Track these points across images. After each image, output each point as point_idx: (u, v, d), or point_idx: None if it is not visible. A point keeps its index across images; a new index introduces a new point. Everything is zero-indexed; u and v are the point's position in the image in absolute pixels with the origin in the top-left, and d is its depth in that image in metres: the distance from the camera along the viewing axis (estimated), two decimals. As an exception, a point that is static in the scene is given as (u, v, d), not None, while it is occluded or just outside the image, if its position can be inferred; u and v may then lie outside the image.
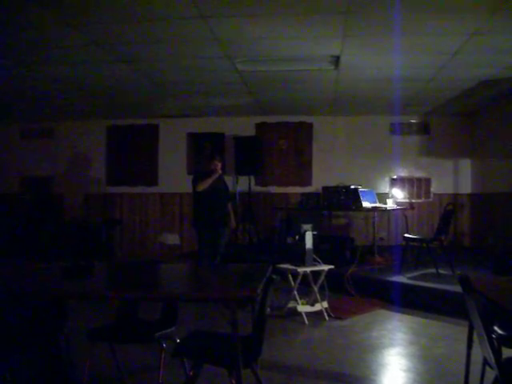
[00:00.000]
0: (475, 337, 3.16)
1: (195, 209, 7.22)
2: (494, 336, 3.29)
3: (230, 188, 7.85)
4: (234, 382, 2.90)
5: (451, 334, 5.41)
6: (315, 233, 6.22)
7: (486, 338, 2.73)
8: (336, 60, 6.44)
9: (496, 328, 3.41)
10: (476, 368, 3.68)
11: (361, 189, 8.49)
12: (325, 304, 6.20)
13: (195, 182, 7.05)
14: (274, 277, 3.14)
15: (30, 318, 3.27)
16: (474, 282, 3.08)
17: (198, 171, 7.38)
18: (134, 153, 11.02)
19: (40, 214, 10.60)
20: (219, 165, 7.12)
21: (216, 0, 4.62)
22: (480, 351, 3.04)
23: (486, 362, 3.33)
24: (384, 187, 10.44)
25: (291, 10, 4.86)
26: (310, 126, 10.71)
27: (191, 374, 3.22)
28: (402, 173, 10.48)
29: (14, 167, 11.03)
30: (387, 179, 10.52)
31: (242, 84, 7.78)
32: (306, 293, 6.38)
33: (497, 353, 2.77)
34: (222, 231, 7.11)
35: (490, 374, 2.97)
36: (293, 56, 6.33)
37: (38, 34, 5.48)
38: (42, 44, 5.83)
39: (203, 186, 6.93)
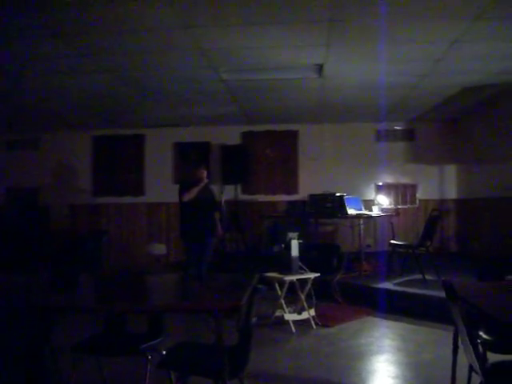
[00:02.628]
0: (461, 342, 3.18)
1: (182, 219, 7.17)
2: (479, 341, 3.31)
3: (217, 197, 7.83)
4: (220, 392, 2.89)
5: (438, 339, 5.43)
6: (301, 241, 6.22)
7: (469, 344, 2.75)
8: (320, 68, 6.48)
9: (481, 333, 3.43)
10: (463, 373, 3.70)
11: (346, 196, 8.51)
12: (312, 312, 6.20)
13: (181, 192, 7.02)
14: (260, 286, 3.13)
15: (14, 330, 3.23)
16: (459, 287, 3.09)
17: (184, 181, 7.33)
18: (120, 163, 10.98)
19: (26, 225, 10.50)
20: (205, 173, 7.09)
21: (200, 10, 4.64)
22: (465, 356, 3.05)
23: (471, 368, 3.35)
24: (370, 194, 10.49)
25: (275, 20, 4.88)
26: (296, 134, 10.74)
27: (177, 385, 3.21)
28: (388, 179, 10.54)
29: (-1, 179, 10.94)
30: (373, 186, 10.57)
31: (227, 93, 7.80)
32: (293, 301, 6.38)
33: (481, 358, 2.79)
34: (208, 241, 7.07)
35: (477, 379, 2.98)
36: (277, 65, 6.36)
37: (22, 45, 5.45)
38: (26, 55, 5.81)
39: (189, 196, 6.90)
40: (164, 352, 3.43)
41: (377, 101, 8.40)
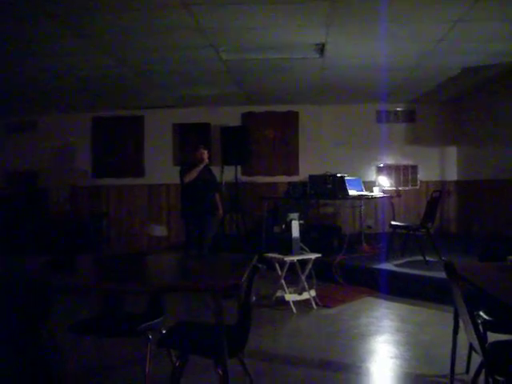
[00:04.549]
0: (461, 322, 3.18)
1: (182, 200, 7.18)
2: (479, 321, 3.32)
3: (217, 178, 7.80)
4: (220, 372, 2.89)
5: (438, 320, 5.45)
6: (302, 222, 6.21)
7: (470, 323, 2.74)
8: (321, 48, 6.40)
9: (481, 313, 3.43)
10: (463, 353, 3.72)
11: (347, 177, 8.48)
12: (312, 293, 6.21)
13: (182, 174, 7.01)
14: (259, 265, 3.12)
15: (12, 311, 3.23)
16: (459, 268, 3.09)
17: (185, 163, 7.31)
18: (119, 144, 10.92)
19: (25, 208, 10.49)
20: (205, 153, 7.07)
21: (198, -12, 4.58)
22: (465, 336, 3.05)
23: (472, 348, 3.35)
24: (370, 175, 10.45)
25: (274, -2, 4.82)
26: (297, 115, 10.67)
27: (177, 364, 3.21)
28: (389, 160, 10.50)
29: (-3, 162, 10.90)
30: (374, 167, 10.53)
31: (227, 74, 7.73)
32: (293, 282, 6.38)
33: (482, 338, 2.78)
34: (209, 221, 7.06)
35: (477, 359, 2.98)
36: (277, 44, 6.28)
37: (19, 26, 5.38)
38: (23, 37, 5.74)
39: (190, 177, 6.89)
40: (164, 331, 3.43)
41: (378, 81, 8.35)
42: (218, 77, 7.96)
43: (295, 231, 6.12)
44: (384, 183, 10.00)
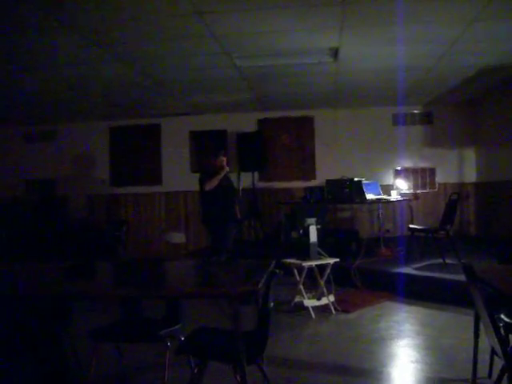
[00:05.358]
0: (482, 326, 3.14)
1: (205, 207, 7.14)
2: (500, 324, 3.27)
3: (235, 184, 7.82)
4: (238, 378, 2.88)
5: (459, 323, 5.39)
6: (319, 226, 6.19)
7: (491, 326, 2.71)
8: (335, 52, 6.39)
9: (503, 316, 3.38)
10: (485, 357, 3.66)
11: (364, 181, 8.45)
12: (331, 297, 6.18)
13: (203, 181, 6.99)
14: (277, 271, 3.12)
15: (33, 318, 3.26)
16: (479, 270, 3.05)
17: (205, 170, 7.30)
18: (137, 153, 11.02)
19: (45, 216, 10.61)
20: (225, 160, 7.09)
21: (211, -5, 4.60)
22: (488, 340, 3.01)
23: (493, 351, 3.30)
24: (388, 179, 10.39)
25: (287, 3, 4.82)
26: (312, 119, 10.67)
27: (196, 371, 3.21)
28: (406, 163, 10.42)
29: (18, 171, 11.03)
30: (391, 170, 10.47)
31: (241, 80, 7.75)
32: (312, 287, 6.36)
33: (503, 341, 2.75)
34: (229, 228, 7.08)
35: (500, 363, 2.94)
36: (291, 50, 6.29)
37: (38, 37, 5.46)
38: (42, 47, 5.82)
39: (211, 185, 6.88)
40: (182, 338, 3.44)
41: (393, 84, 8.30)
42: (233, 83, 7.99)
43: (313, 236, 6.10)
44: (402, 186, 9.93)
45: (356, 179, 8.39)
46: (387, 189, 9.36)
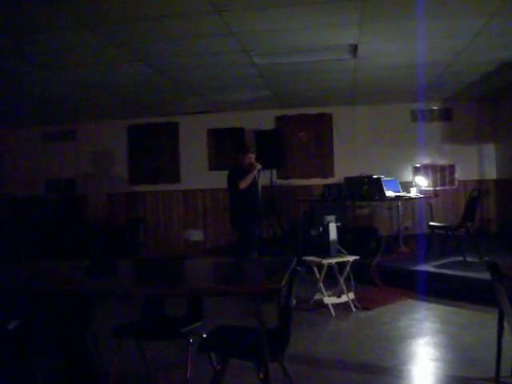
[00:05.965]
0: (506, 324, 3.11)
1: (238, 205, 7.10)
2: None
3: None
4: (261, 375, 2.89)
5: (480, 321, 5.34)
6: (339, 224, 6.17)
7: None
8: (354, 49, 6.36)
9: (527, 314, 3.35)
10: (508, 355, 3.62)
11: (384, 178, 8.40)
12: (351, 295, 6.16)
13: (234, 179, 6.99)
14: (299, 269, 3.12)
15: (55, 316, 3.29)
16: (503, 267, 3.02)
17: (234, 167, 7.29)
18: (155, 151, 11.07)
19: (64, 215, 10.72)
20: (253, 157, 7.13)
21: (230, -7, 4.60)
22: (511, 338, 2.98)
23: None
24: (407, 176, 10.32)
25: (306, 0, 4.80)
26: (330, 116, 10.63)
27: (218, 368, 3.23)
28: (425, 160, 10.34)
29: (38, 170, 11.15)
30: (410, 167, 10.40)
31: (259, 77, 7.75)
32: (331, 284, 6.35)
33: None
34: (256, 225, 7.14)
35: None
36: (309, 47, 6.27)
37: (57, 37, 5.51)
38: (61, 47, 5.87)
39: (245, 183, 6.91)
40: (204, 335, 3.45)
41: (412, 80, 8.24)
42: (251, 81, 7.99)
43: (333, 234, 6.08)
44: (421, 183, 9.85)
45: (375, 176, 8.35)
46: (406, 186, 9.30)
